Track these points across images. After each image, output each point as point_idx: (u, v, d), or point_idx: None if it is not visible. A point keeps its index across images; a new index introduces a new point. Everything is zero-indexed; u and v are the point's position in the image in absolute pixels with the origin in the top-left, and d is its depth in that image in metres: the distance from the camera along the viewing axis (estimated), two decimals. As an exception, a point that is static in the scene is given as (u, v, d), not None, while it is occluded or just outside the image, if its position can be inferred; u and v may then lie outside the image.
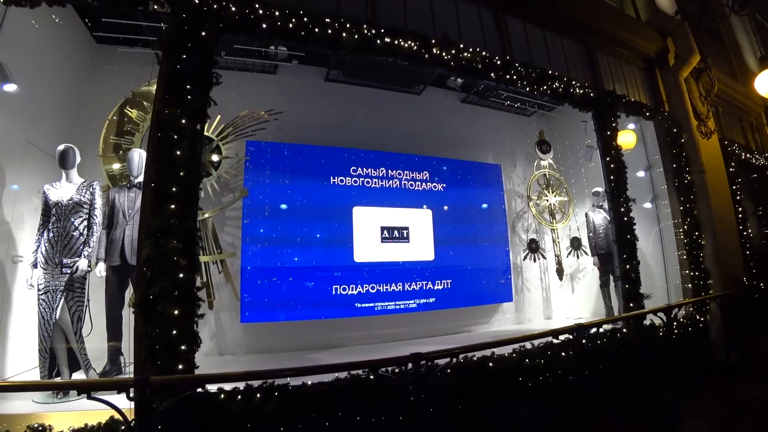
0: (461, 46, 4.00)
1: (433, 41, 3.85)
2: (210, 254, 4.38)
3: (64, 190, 3.31)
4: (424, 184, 5.77)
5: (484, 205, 6.06)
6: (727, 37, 7.23)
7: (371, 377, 2.96)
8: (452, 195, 5.86)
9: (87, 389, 2.25)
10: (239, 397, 2.70)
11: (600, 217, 5.56)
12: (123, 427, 2.27)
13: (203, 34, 3.11)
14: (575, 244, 6.10)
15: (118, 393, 2.24)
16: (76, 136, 4.19)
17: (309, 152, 5.19)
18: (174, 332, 2.69)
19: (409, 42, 3.74)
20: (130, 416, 2.02)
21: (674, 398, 3.73)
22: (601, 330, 4.08)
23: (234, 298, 4.52)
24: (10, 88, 3.18)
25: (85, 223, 3.33)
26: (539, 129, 6.51)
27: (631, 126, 5.79)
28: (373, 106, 5.86)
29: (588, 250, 5.76)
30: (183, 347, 2.71)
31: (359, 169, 5.42)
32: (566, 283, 6.51)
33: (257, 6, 3.27)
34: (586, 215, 5.76)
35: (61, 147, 3.31)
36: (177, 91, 2.97)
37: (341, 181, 5.31)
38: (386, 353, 2.63)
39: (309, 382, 2.85)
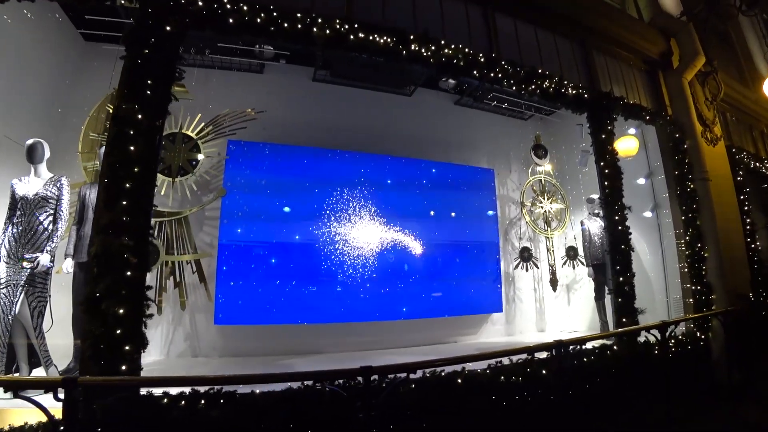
0: (442, 42, 3.85)
1: (412, 37, 3.71)
2: (184, 254, 4.32)
3: (31, 184, 3.28)
4: (411, 187, 5.60)
5: (475, 211, 5.84)
6: (737, 41, 6.88)
7: (327, 389, 2.80)
8: (441, 199, 5.67)
9: (14, 387, 2.19)
10: (182, 402, 2.58)
11: (596, 226, 5.29)
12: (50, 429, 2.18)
13: (168, 29, 3.05)
14: (571, 253, 5.83)
15: (45, 393, 2.17)
16: (58, 131, 4.22)
17: (292, 153, 5.10)
18: (118, 331, 2.60)
19: (385, 37, 3.62)
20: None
21: (670, 422, 3.46)
22: (588, 346, 3.85)
23: (208, 299, 4.45)
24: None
25: (51, 218, 3.30)
26: (536, 133, 6.27)
27: (632, 131, 5.52)
28: (361, 107, 5.75)
29: (584, 260, 5.48)
30: (127, 347, 2.61)
31: (344, 171, 5.30)
32: (561, 294, 6.22)
33: (225, 0, 3.21)
34: (582, 223, 5.49)
35: (29, 141, 3.28)
36: (136, 86, 2.91)
37: (324, 183, 5.19)
38: (361, 362, 2.49)
39: (257, 391, 2.72)
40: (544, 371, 3.45)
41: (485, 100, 6.18)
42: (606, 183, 4.53)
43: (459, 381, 3.16)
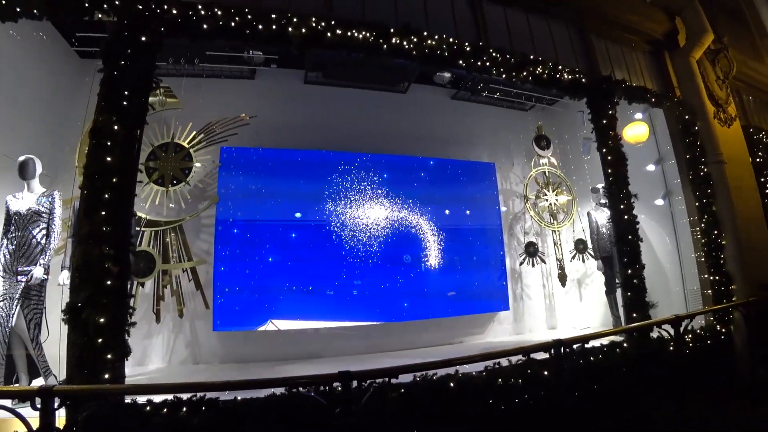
0: (425, 33, 3.75)
1: (392, 30, 3.63)
2: (180, 262, 4.36)
3: (24, 200, 3.36)
4: (409, 186, 5.49)
5: (476, 207, 5.68)
6: (750, 15, 6.44)
7: (312, 395, 2.73)
8: (440, 196, 5.54)
9: None
10: (164, 410, 2.57)
11: (603, 217, 5.04)
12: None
13: (143, 39, 3.07)
14: (580, 246, 5.58)
15: (22, 402, 2.18)
16: (55, 148, 4.34)
17: (285, 156, 5.09)
18: (100, 340, 2.61)
19: (364, 33, 3.55)
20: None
21: (685, 424, 3.23)
22: (595, 344, 3.62)
23: (205, 306, 4.46)
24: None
25: (44, 232, 3.37)
26: (538, 123, 6.05)
27: (639, 116, 5.25)
28: (355, 107, 5.68)
29: (593, 253, 5.23)
30: (109, 356, 2.62)
31: (338, 172, 5.25)
32: (572, 289, 5.97)
33: (199, 7, 3.21)
34: (588, 215, 5.25)
35: (21, 158, 3.37)
36: (114, 97, 2.93)
37: (319, 184, 5.15)
38: (361, 366, 2.45)
39: (239, 398, 2.68)
40: (546, 372, 3.29)
41: (483, 93, 6.00)
42: (609, 170, 4.31)
43: (452, 384, 3.04)
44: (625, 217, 4.18)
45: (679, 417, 3.27)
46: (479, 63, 3.90)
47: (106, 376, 2.59)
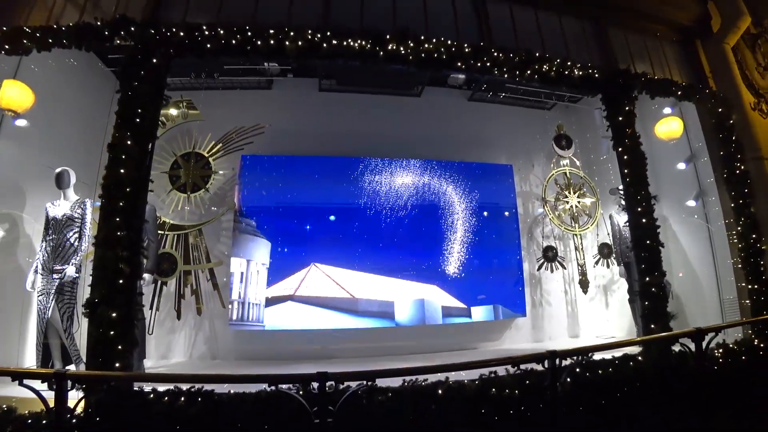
0: (422, 37, 3.76)
1: (388, 36, 3.68)
2: (198, 263, 4.68)
3: (60, 207, 3.80)
4: (424, 188, 5.49)
5: (493, 210, 5.55)
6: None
7: (300, 393, 2.83)
8: (456, 199, 5.48)
9: (19, 377, 2.52)
10: (165, 398, 2.78)
11: (625, 220, 4.72)
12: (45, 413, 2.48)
13: (154, 61, 3.37)
14: (605, 251, 5.27)
15: (42, 383, 2.49)
16: (91, 159, 4.80)
17: (301, 163, 5.28)
18: (111, 333, 2.90)
19: (360, 41, 3.62)
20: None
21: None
22: (607, 357, 3.41)
23: (222, 305, 4.75)
24: (21, 123, 3.80)
25: (77, 235, 3.79)
26: (558, 123, 5.80)
27: (668, 110, 4.89)
28: (370, 112, 5.75)
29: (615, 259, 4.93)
30: (120, 347, 2.91)
31: (353, 177, 5.36)
32: (598, 296, 5.64)
33: (204, 28, 3.45)
34: (610, 217, 4.95)
35: (57, 170, 3.82)
36: (128, 115, 3.23)
37: (333, 189, 5.29)
38: (368, 368, 2.53)
39: (232, 391, 2.85)
40: (546, 384, 3.15)
41: (500, 94, 5.86)
42: (626, 171, 4.05)
43: (440, 392, 3.01)
44: (644, 220, 3.90)
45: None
46: (479, 64, 3.84)
47: (117, 364, 2.86)
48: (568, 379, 3.22)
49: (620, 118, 4.12)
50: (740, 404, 3.25)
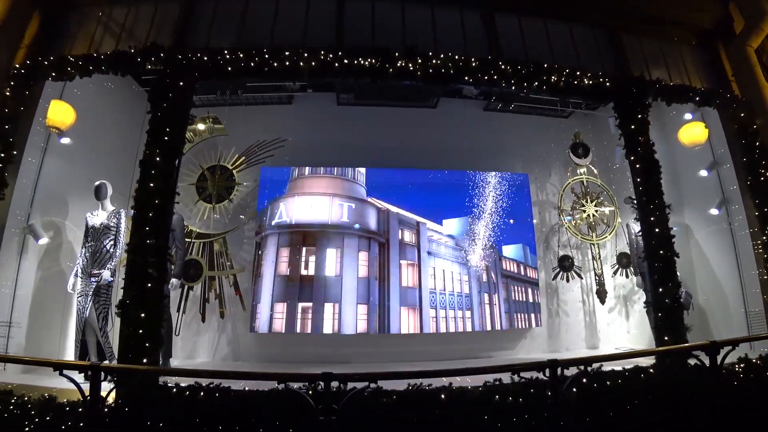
0: (430, 53, 3.90)
1: (397, 54, 3.84)
2: (222, 270, 4.97)
3: (98, 216, 4.17)
4: (439, 198, 5.59)
5: (508, 219, 5.56)
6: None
7: (306, 392, 2.98)
8: (471, 209, 5.54)
9: (60, 367, 2.80)
10: (187, 392, 3.01)
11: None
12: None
13: (181, 84, 3.68)
14: (623, 260, 5.15)
15: (79, 373, 2.77)
16: (128, 173, 5.22)
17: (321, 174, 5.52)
18: (140, 331, 3.18)
19: (370, 59, 3.80)
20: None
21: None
22: (617, 368, 3.36)
23: (243, 309, 5.01)
24: (66, 140, 4.23)
25: (113, 243, 4.15)
26: (575, 131, 5.75)
27: (688, 116, 4.77)
28: (387, 124, 5.90)
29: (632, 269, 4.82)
30: (147, 344, 3.18)
31: (369, 188, 5.53)
32: (618, 306, 5.50)
33: (225, 52, 3.74)
34: (627, 226, 4.85)
35: (96, 183, 4.21)
36: (157, 133, 3.55)
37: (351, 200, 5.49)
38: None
39: (246, 388, 3.04)
40: (550, 393, 3.16)
41: (515, 104, 5.89)
42: (639, 180, 3.99)
43: (443, 396, 3.08)
44: (656, 229, 3.83)
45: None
46: (486, 77, 3.93)
47: (144, 360, 3.13)
48: (574, 389, 3.22)
49: (633, 126, 4.07)
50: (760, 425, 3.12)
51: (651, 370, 3.44)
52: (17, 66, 3.70)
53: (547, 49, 4.33)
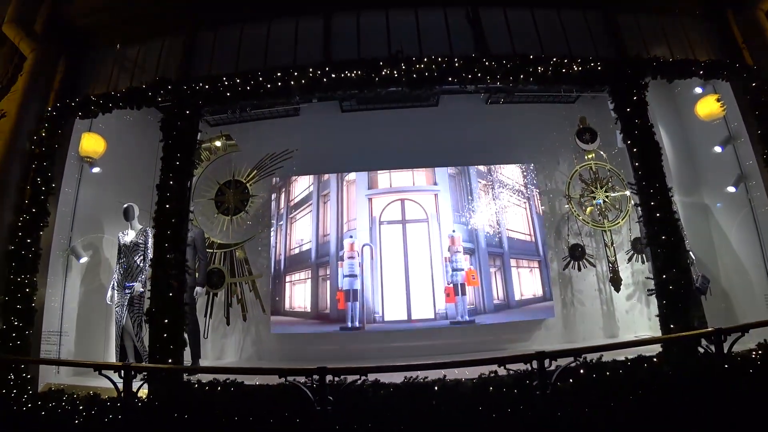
0: (413, 58, 4.00)
1: (381, 63, 3.98)
2: (242, 276, 5.36)
3: (129, 235, 4.67)
4: (443, 194, 5.67)
5: (515, 211, 5.54)
6: None
7: (314, 385, 3.20)
8: (478, 203, 5.58)
9: (99, 368, 3.23)
10: (206, 387, 3.36)
11: (652, 212, 4.46)
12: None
13: (187, 112, 4.05)
14: (638, 246, 4.98)
15: (114, 372, 3.18)
16: (153, 193, 5.71)
17: (330, 182, 5.77)
18: (165, 335, 3.58)
19: (356, 71, 3.98)
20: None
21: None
22: (619, 358, 3.32)
23: (263, 312, 5.37)
24: (96, 170, 4.75)
25: (142, 257, 4.63)
26: (579, 116, 5.59)
27: (698, 90, 4.54)
28: (391, 126, 6.02)
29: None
30: (172, 347, 3.58)
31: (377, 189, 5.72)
32: (638, 294, 5.32)
33: (224, 79, 4.06)
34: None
35: (124, 205, 4.71)
36: (170, 159, 3.95)
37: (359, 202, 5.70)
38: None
39: (257, 383, 3.33)
40: (536, 384, 3.19)
41: (517, 93, 5.81)
42: (637, 164, 3.88)
43: (436, 388, 3.21)
44: (658, 214, 3.71)
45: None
46: (470, 76, 3.98)
47: (170, 360, 3.52)
48: (571, 380, 3.24)
49: (628, 109, 3.96)
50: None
51: (655, 360, 3.37)
52: (49, 109, 4.23)
53: (536, 39, 4.29)
